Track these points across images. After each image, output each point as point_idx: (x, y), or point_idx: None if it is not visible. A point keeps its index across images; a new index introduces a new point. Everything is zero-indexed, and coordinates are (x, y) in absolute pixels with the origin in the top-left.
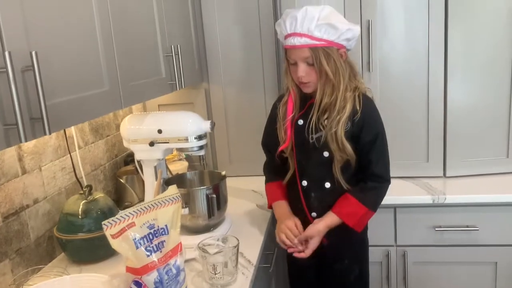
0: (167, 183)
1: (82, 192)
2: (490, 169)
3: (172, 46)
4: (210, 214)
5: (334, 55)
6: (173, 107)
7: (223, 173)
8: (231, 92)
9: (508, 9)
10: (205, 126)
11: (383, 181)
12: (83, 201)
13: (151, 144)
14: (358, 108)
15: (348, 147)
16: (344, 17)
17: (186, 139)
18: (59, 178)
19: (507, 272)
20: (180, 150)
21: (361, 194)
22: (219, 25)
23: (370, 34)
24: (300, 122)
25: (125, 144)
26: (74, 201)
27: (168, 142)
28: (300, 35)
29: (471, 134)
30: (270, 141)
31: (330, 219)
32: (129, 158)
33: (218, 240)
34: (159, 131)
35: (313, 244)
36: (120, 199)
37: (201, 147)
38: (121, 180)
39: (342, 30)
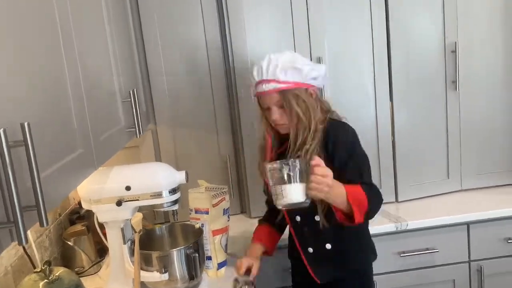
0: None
1: (39, 270)
2: (434, 191)
3: (130, 91)
4: (193, 275)
5: (303, 95)
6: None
7: (197, 225)
8: (180, 132)
9: (439, 39)
10: (180, 177)
11: (374, 187)
12: (44, 282)
13: (119, 203)
14: (326, 135)
15: None
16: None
17: (160, 195)
18: (3, 255)
19: (465, 287)
20: (151, 207)
21: (368, 188)
22: (164, 63)
23: None
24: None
25: (85, 205)
26: (32, 284)
27: (138, 200)
28: (268, 81)
29: (416, 160)
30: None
31: (338, 184)
32: (75, 216)
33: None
34: (127, 188)
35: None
36: (68, 265)
37: (175, 202)
38: (68, 242)
39: (306, 71)
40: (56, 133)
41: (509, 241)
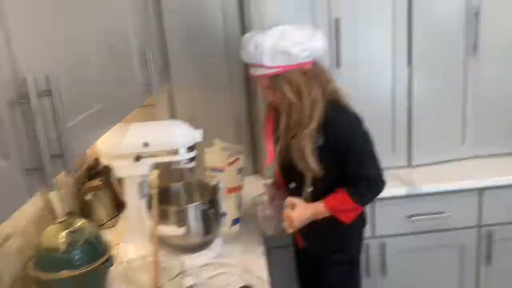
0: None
1: (61, 221)
2: (448, 156)
3: (147, 49)
4: (209, 231)
5: (294, 77)
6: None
7: (214, 182)
8: (195, 92)
9: (459, 8)
10: (196, 135)
11: (373, 180)
12: (66, 231)
13: (137, 159)
14: (326, 121)
15: (314, 165)
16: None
17: (176, 152)
18: (25, 207)
19: (471, 251)
20: (169, 164)
21: (351, 189)
22: (181, 23)
23: (340, 31)
24: None
25: (104, 160)
26: (54, 233)
27: (156, 156)
28: (256, 66)
29: (432, 124)
30: None
31: (316, 206)
32: (92, 171)
33: None
34: (145, 144)
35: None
36: (86, 219)
37: (192, 159)
38: (86, 197)
39: (295, 53)
40: (76, 87)
41: None
